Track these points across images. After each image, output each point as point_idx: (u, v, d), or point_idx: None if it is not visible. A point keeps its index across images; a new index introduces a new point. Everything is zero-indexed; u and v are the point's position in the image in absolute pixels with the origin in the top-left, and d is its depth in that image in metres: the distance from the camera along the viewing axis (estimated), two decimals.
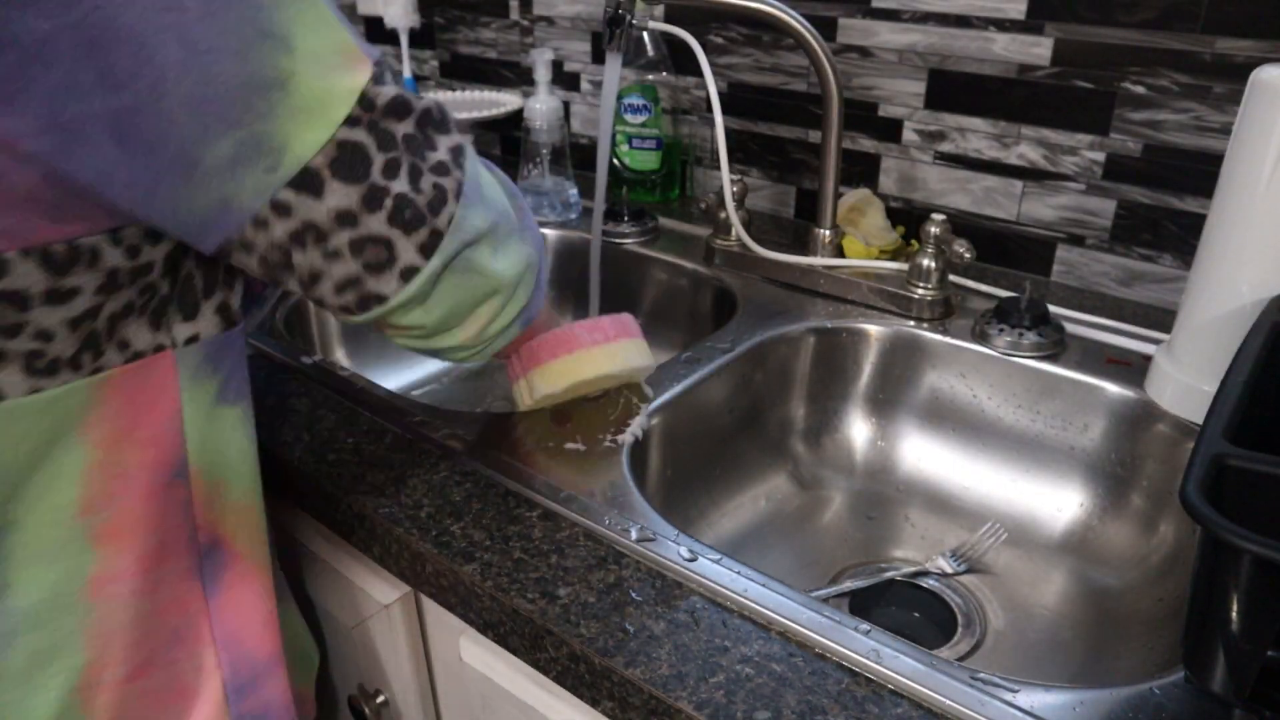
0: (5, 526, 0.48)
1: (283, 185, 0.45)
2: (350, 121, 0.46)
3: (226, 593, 0.58)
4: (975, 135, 0.96)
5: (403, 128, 0.49)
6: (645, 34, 1.13)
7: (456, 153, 0.52)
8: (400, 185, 0.49)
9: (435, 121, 0.51)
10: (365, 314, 0.52)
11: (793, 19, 0.84)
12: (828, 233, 0.93)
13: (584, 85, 1.27)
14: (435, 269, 0.51)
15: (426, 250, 0.50)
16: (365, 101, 0.47)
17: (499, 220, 0.55)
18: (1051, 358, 0.80)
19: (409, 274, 0.50)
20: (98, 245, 0.45)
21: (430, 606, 0.68)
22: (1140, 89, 0.86)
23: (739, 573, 0.56)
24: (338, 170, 0.46)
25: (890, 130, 1.02)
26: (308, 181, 0.46)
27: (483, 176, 0.55)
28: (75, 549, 0.50)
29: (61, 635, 0.51)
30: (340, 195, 0.47)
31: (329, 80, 0.45)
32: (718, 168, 1.02)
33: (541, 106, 1.09)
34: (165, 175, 0.43)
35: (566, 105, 1.30)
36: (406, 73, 1.38)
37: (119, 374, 0.49)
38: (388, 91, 0.48)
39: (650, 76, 1.13)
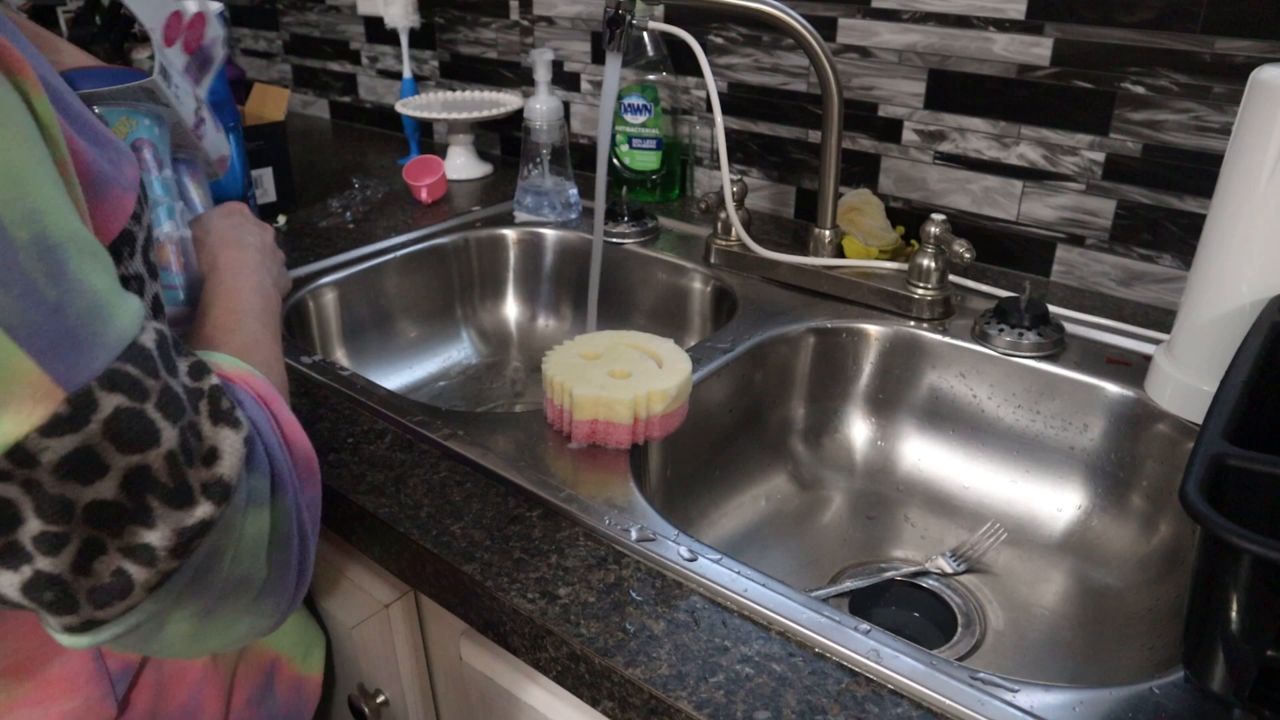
0: None
1: None
2: None
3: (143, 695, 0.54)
4: (975, 135, 0.96)
5: (92, 492, 0.36)
6: (645, 34, 1.13)
7: (185, 537, 0.39)
8: (52, 565, 0.36)
9: (163, 488, 0.38)
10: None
11: (793, 19, 0.84)
12: (828, 233, 0.93)
13: (584, 85, 1.27)
14: (85, 645, 0.40)
15: (74, 630, 0.39)
16: (20, 455, 0.34)
17: (219, 604, 0.42)
18: (1051, 358, 0.80)
19: (56, 631, 0.39)
20: None
21: (430, 606, 0.68)
22: (1140, 89, 0.86)
23: (739, 573, 0.56)
24: None
25: (890, 130, 1.02)
26: None
27: (237, 548, 0.42)
28: None
29: None
30: None
31: None
32: (718, 168, 1.02)
33: (541, 106, 1.09)
34: None
35: (566, 105, 1.30)
36: (406, 73, 1.38)
37: None
38: (72, 442, 0.35)
39: (650, 76, 1.13)
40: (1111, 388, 0.77)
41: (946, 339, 0.84)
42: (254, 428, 0.44)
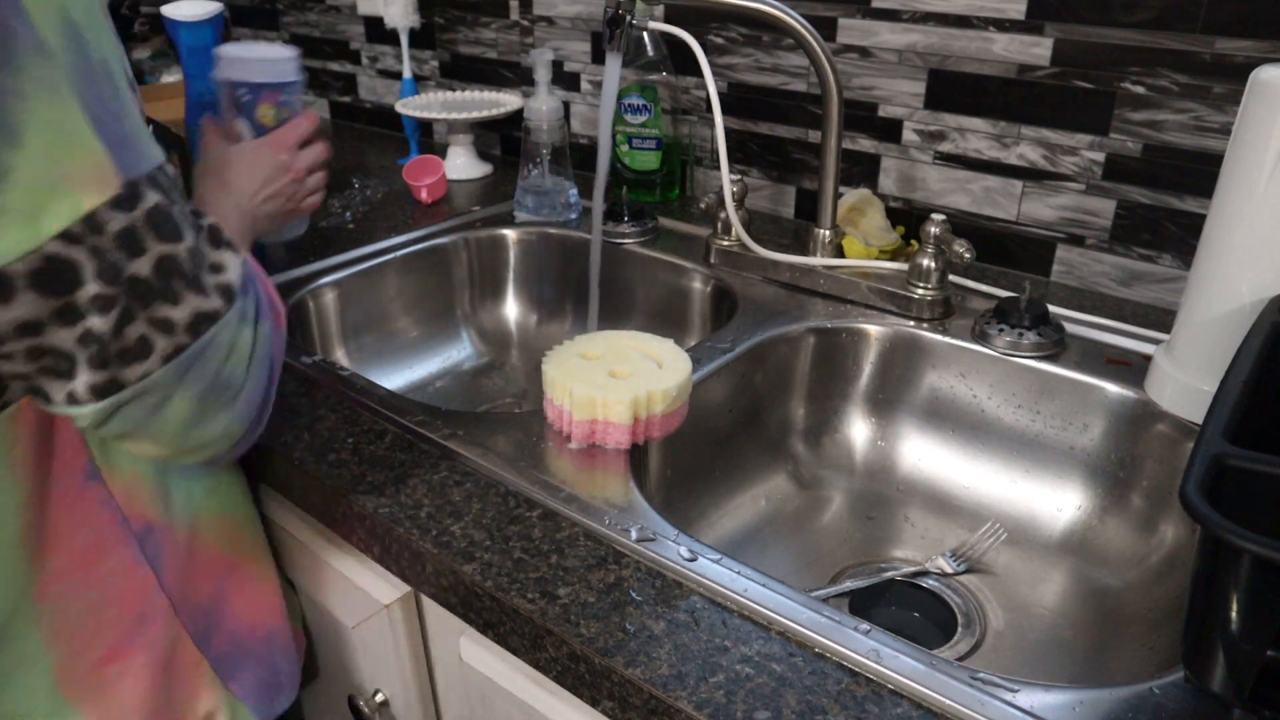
0: None
1: None
2: (66, 237, 0.42)
3: (171, 564, 0.61)
4: (975, 135, 0.96)
5: (135, 266, 0.45)
6: (645, 34, 1.13)
7: (199, 320, 0.48)
8: (100, 321, 0.44)
9: (187, 276, 0.47)
10: (37, 400, 0.48)
11: (793, 19, 0.84)
12: (828, 233, 0.93)
13: (584, 85, 1.27)
14: (101, 412, 0.47)
15: (98, 392, 0.46)
16: (91, 222, 0.43)
17: (212, 394, 0.50)
18: (1051, 358, 0.80)
19: (73, 399, 0.46)
20: None
21: (430, 606, 0.68)
22: (1140, 89, 0.86)
23: (739, 572, 0.56)
24: (36, 282, 0.42)
25: (890, 130, 1.02)
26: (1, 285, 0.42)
27: (234, 344, 0.51)
28: (23, 569, 0.53)
29: (25, 649, 0.55)
30: (30, 306, 0.43)
31: (52, 189, 0.42)
32: (718, 168, 1.02)
33: (541, 106, 1.09)
34: None
35: (566, 105, 1.30)
36: (406, 73, 1.38)
37: (25, 403, 0.51)
38: (126, 220, 0.44)
39: (650, 76, 1.13)
40: (1111, 388, 0.77)
41: (946, 339, 0.84)
42: (248, 261, 0.54)
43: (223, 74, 0.79)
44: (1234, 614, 0.44)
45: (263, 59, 0.78)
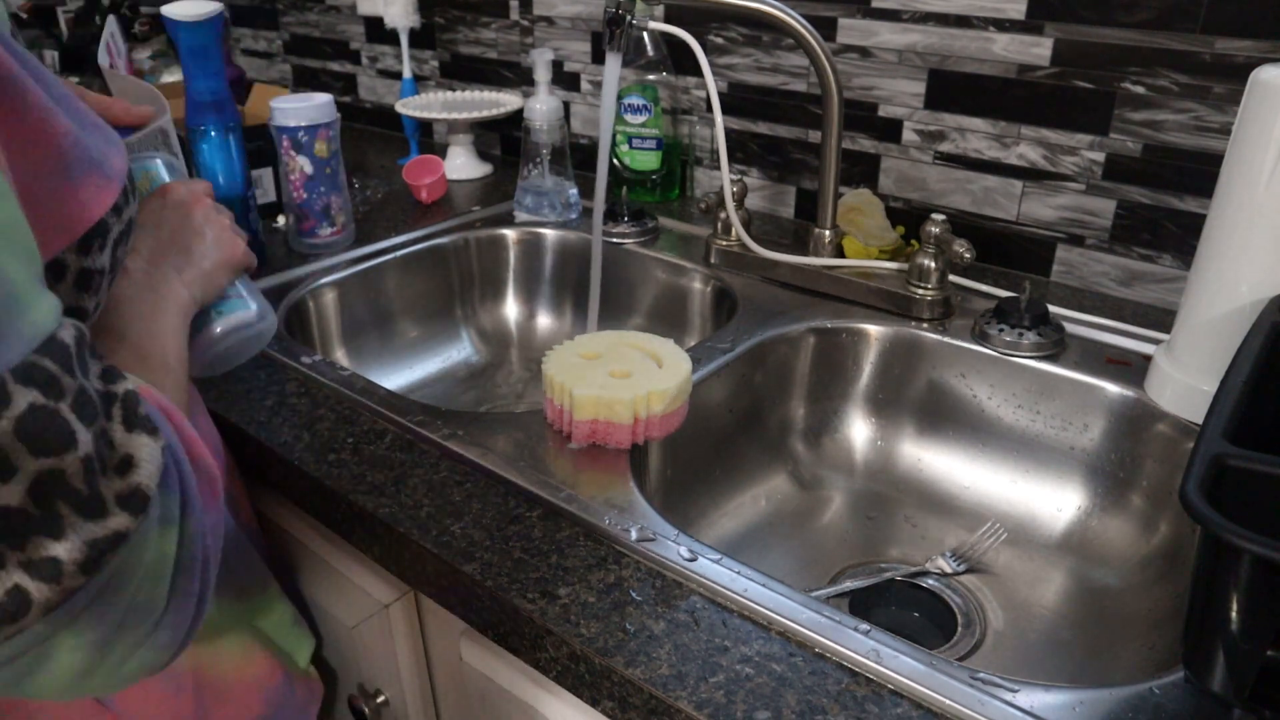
0: None
1: None
2: None
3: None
4: (975, 135, 0.96)
5: (1, 495, 0.32)
6: (645, 34, 1.13)
7: (96, 552, 0.35)
8: None
9: (77, 496, 0.34)
10: None
11: (793, 19, 0.84)
12: (827, 233, 0.93)
13: (584, 85, 1.27)
14: None
15: None
16: None
17: (114, 634, 0.38)
18: (1051, 358, 0.80)
19: None
20: None
21: (430, 606, 0.68)
22: (1140, 89, 0.86)
23: (739, 573, 0.56)
24: None
25: (890, 130, 1.02)
26: None
27: (149, 566, 0.38)
28: None
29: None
30: None
31: None
32: (718, 168, 1.02)
33: (541, 106, 1.09)
34: None
35: (566, 105, 1.30)
36: (406, 73, 1.38)
37: None
38: None
39: (650, 76, 1.13)
40: (1111, 388, 0.77)
41: (946, 339, 0.84)
42: (169, 440, 0.40)
43: (279, 121, 0.97)
44: (1234, 614, 0.44)
45: (312, 105, 0.97)
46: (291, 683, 0.70)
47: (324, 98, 1.00)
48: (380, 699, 0.74)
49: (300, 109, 0.97)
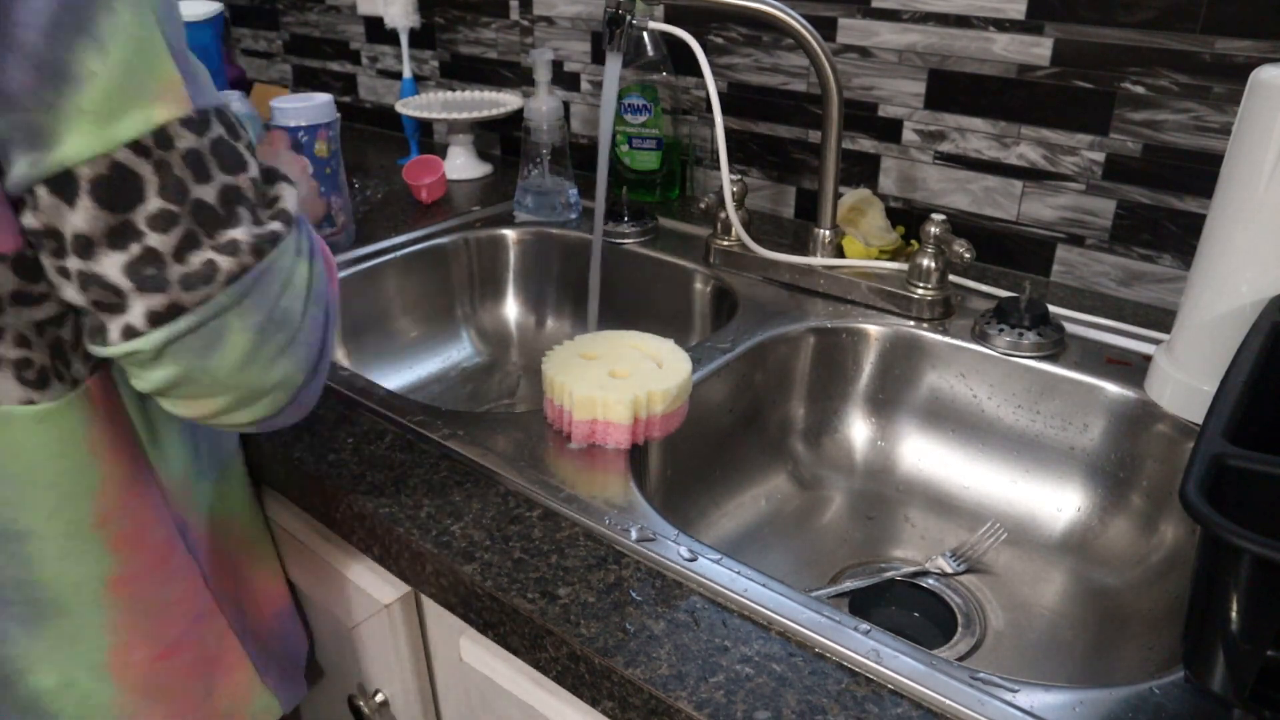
0: (22, 534, 0.51)
1: (40, 180, 0.43)
2: (135, 148, 0.43)
3: (210, 562, 0.62)
4: (975, 135, 0.96)
5: (200, 190, 0.45)
6: (645, 34, 1.13)
7: (261, 245, 0.47)
8: (160, 242, 0.44)
9: (249, 202, 0.48)
10: (94, 345, 0.48)
11: (793, 19, 0.84)
12: (828, 233, 0.93)
13: (584, 85, 1.27)
14: (157, 342, 0.46)
15: (155, 319, 0.45)
16: (161, 136, 0.44)
17: (270, 328, 0.49)
18: (1051, 358, 0.80)
19: (130, 332, 0.46)
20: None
21: (430, 606, 0.68)
22: (1140, 89, 0.86)
23: (739, 573, 0.56)
24: (98, 190, 0.43)
25: (890, 130, 1.02)
26: (64, 186, 0.43)
27: (293, 277, 0.50)
28: (95, 555, 0.54)
29: (85, 624, 0.55)
30: (89, 216, 0.43)
31: (128, 98, 0.43)
32: (718, 168, 1.02)
33: (541, 106, 1.09)
34: None
35: (566, 105, 1.30)
36: (406, 73, 1.38)
37: (93, 385, 0.52)
38: (194, 142, 0.45)
39: (650, 76, 1.13)
40: (1111, 388, 0.77)
41: (946, 339, 0.84)
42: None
43: (279, 121, 0.98)
44: (1234, 614, 0.44)
45: (312, 105, 0.98)
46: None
47: (324, 98, 1.00)
48: (380, 698, 0.74)
49: (300, 109, 0.98)
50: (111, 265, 0.44)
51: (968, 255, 0.82)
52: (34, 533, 0.52)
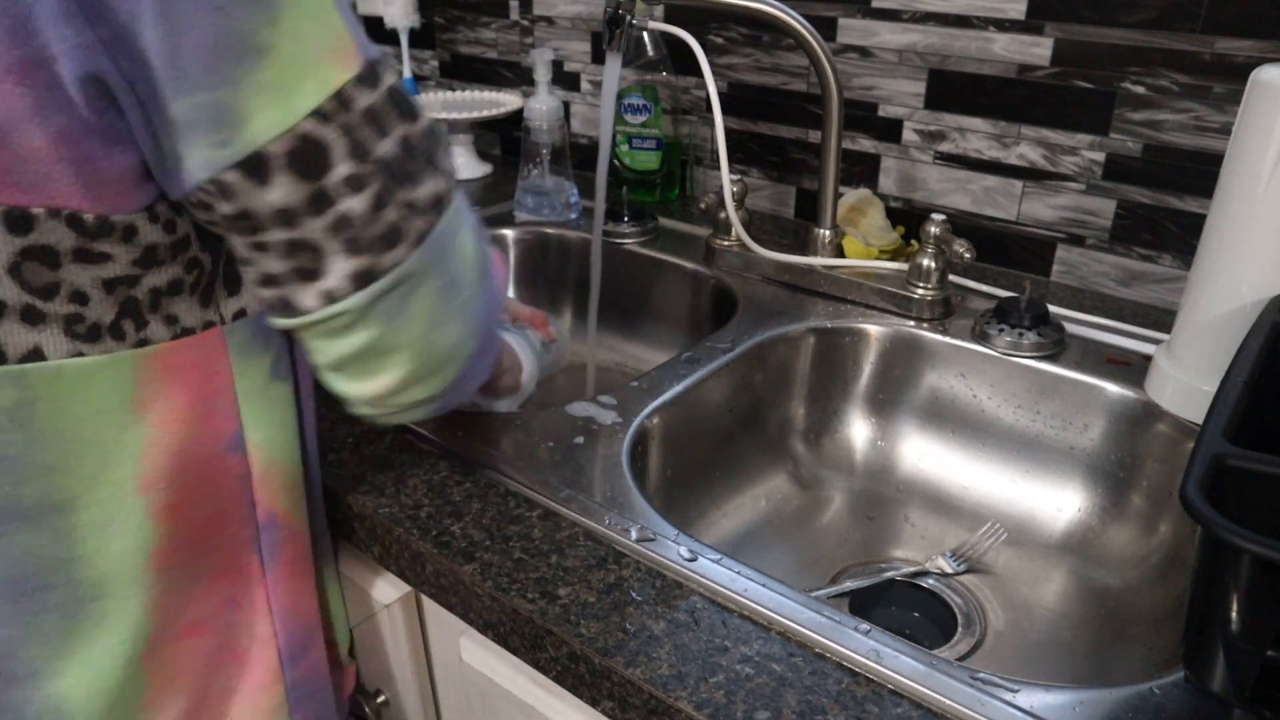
0: (64, 505, 0.49)
1: (229, 166, 0.42)
2: (318, 115, 0.43)
3: (283, 566, 0.59)
4: (975, 135, 0.96)
5: (384, 146, 0.45)
6: (645, 34, 1.13)
7: (440, 199, 0.48)
8: (356, 203, 0.45)
9: (426, 154, 0.48)
10: (283, 319, 0.49)
11: (793, 19, 0.84)
12: (828, 233, 0.93)
13: (584, 85, 1.27)
14: (360, 303, 0.47)
15: (358, 280, 0.46)
16: (341, 98, 0.43)
17: (450, 290, 0.50)
18: (1051, 358, 0.80)
19: (330, 297, 0.46)
20: (134, 223, 0.45)
21: (430, 606, 0.68)
22: (1140, 89, 0.86)
23: (739, 573, 0.56)
24: (293, 163, 0.43)
25: (890, 130, 1.02)
26: (256, 168, 0.42)
27: (462, 238, 0.51)
28: (137, 524, 0.51)
29: (125, 603, 0.52)
30: (286, 190, 0.43)
31: (303, 67, 0.42)
32: (718, 168, 1.02)
33: (541, 106, 1.09)
34: (144, 111, 0.42)
35: (566, 105, 1.30)
36: (407, 73, 1.38)
37: (168, 349, 0.50)
38: (370, 98, 0.44)
39: (650, 76, 1.13)
40: (1111, 388, 0.77)
41: (946, 339, 0.84)
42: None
43: None
44: (1234, 614, 0.44)
45: None
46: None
47: None
48: (380, 699, 0.74)
49: None
50: (315, 230, 0.44)
51: (968, 255, 0.82)
52: (77, 500, 0.49)
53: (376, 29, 1.48)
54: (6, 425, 0.46)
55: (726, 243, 0.98)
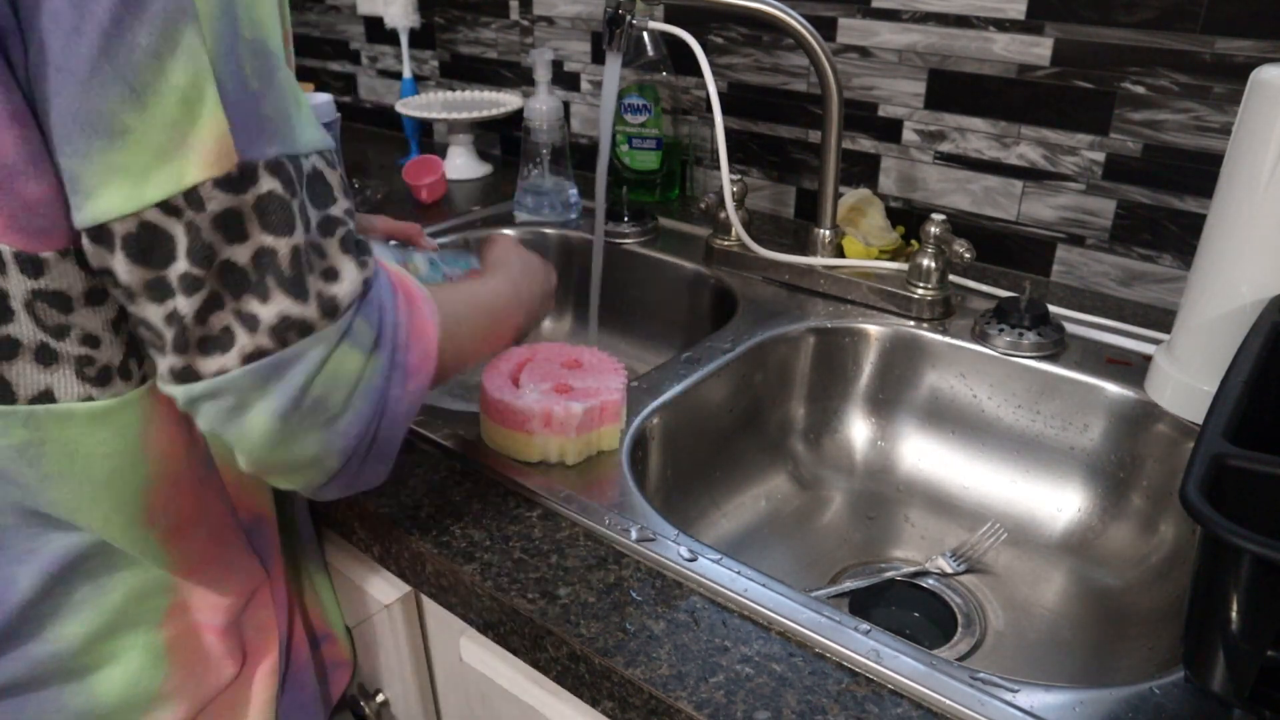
0: (86, 538, 0.51)
1: (82, 228, 0.42)
2: (165, 208, 0.41)
3: (278, 563, 0.61)
4: (975, 135, 0.96)
5: (230, 252, 0.43)
6: (645, 34, 1.13)
7: (286, 326, 0.44)
8: (185, 305, 0.43)
9: (282, 275, 0.44)
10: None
11: (793, 19, 0.84)
12: (828, 233, 0.93)
13: (584, 85, 1.27)
14: (182, 397, 0.45)
15: (178, 376, 0.44)
16: (192, 196, 0.41)
17: (293, 414, 0.45)
18: (1051, 358, 0.80)
19: (166, 374, 0.45)
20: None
21: (430, 606, 0.68)
22: (1140, 89, 0.86)
23: (739, 573, 0.56)
24: (131, 248, 0.42)
25: (890, 130, 1.02)
26: (101, 239, 0.42)
27: (324, 366, 0.45)
28: (151, 552, 0.53)
29: (150, 616, 0.55)
30: (126, 270, 0.42)
31: (162, 157, 0.41)
32: (718, 168, 1.02)
33: (541, 106, 1.09)
34: (47, 149, 0.42)
35: (566, 105, 1.30)
36: (406, 73, 1.38)
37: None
38: (230, 202, 0.42)
39: (650, 76, 1.13)
40: (1111, 388, 0.77)
41: (946, 339, 0.84)
42: (378, 285, 0.49)
43: None
44: (1234, 614, 0.44)
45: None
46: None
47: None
48: (380, 699, 0.74)
49: None
50: (154, 314, 0.43)
51: (968, 255, 0.82)
52: (93, 533, 0.51)
53: (377, 29, 1.48)
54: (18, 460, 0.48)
55: (726, 243, 0.98)
